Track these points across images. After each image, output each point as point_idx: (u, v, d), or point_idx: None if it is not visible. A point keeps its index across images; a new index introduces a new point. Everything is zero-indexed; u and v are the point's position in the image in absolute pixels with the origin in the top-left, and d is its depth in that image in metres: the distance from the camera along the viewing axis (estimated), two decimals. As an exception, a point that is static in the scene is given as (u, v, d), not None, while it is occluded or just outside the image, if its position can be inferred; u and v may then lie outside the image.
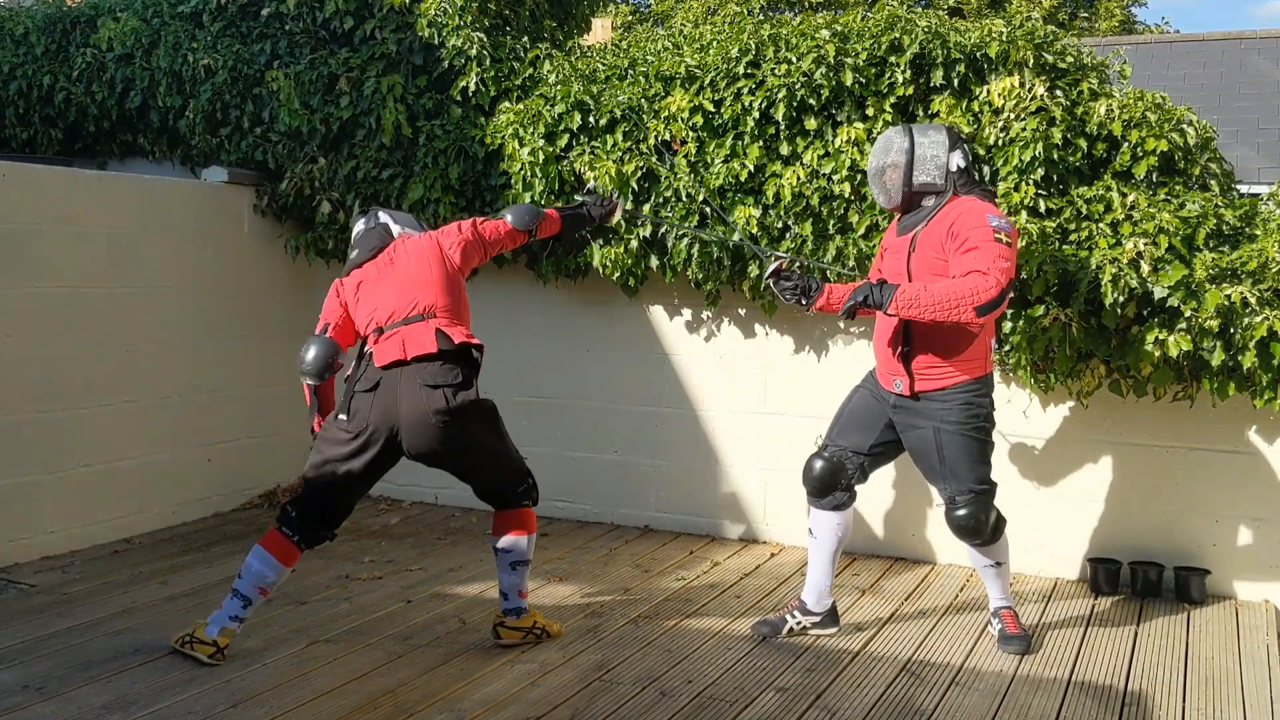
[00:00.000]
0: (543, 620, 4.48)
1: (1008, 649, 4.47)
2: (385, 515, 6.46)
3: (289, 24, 6.45)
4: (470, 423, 4.18)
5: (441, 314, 4.26)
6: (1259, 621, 4.86)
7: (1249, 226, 4.91)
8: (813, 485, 4.58)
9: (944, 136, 4.33)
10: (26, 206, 5.37)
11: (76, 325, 5.59)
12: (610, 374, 6.26)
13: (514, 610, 4.41)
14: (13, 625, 4.52)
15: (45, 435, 5.45)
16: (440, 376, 4.12)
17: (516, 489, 4.42)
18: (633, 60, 5.88)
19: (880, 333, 4.46)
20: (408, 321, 4.22)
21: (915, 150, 4.30)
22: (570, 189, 5.82)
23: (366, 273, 4.40)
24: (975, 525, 4.34)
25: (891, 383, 4.41)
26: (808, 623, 4.61)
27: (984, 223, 4.12)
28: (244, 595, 4.18)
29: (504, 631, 4.40)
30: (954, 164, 4.30)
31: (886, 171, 4.35)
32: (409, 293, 4.28)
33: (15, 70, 7.05)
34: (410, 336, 4.17)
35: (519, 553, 4.39)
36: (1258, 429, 5.09)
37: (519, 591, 4.42)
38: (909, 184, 4.31)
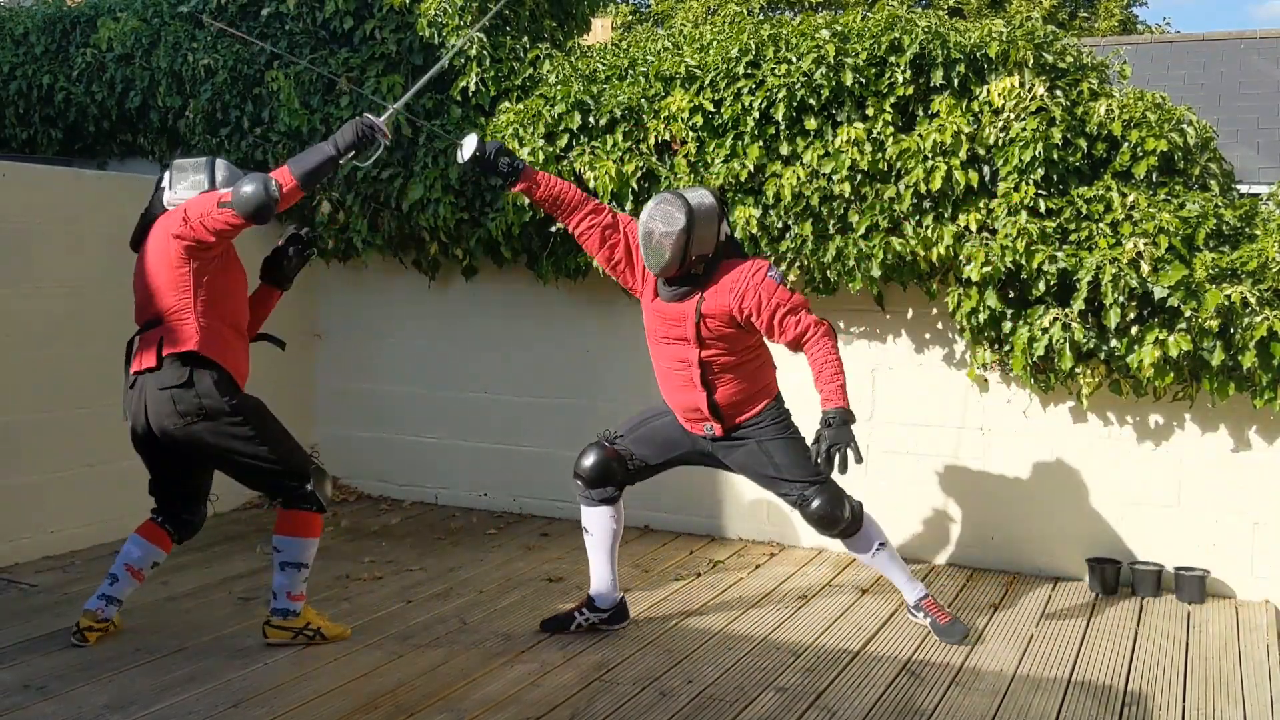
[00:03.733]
0: (318, 621, 4.40)
1: (949, 639, 4.51)
2: (385, 515, 6.46)
3: (289, 24, 6.45)
4: (208, 424, 4.14)
5: (169, 318, 4.13)
6: (1259, 621, 4.86)
7: (1249, 226, 4.91)
8: (587, 474, 4.59)
9: (716, 207, 4.31)
10: (26, 206, 5.37)
11: (76, 325, 5.59)
12: (610, 374, 6.26)
13: (281, 610, 4.33)
14: (13, 625, 4.52)
15: (45, 435, 5.45)
16: (167, 379, 4.12)
17: (289, 486, 4.29)
18: (633, 60, 5.88)
19: (671, 389, 4.50)
20: (145, 328, 4.22)
21: (694, 228, 4.22)
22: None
23: (137, 264, 4.29)
24: (832, 514, 4.39)
25: (703, 428, 4.47)
26: (595, 619, 4.61)
27: (770, 282, 4.25)
28: (112, 573, 4.34)
29: (269, 630, 4.35)
30: (723, 233, 4.34)
31: (666, 240, 4.22)
32: (146, 295, 4.21)
33: (15, 70, 7.06)
34: (142, 347, 4.20)
35: (288, 554, 4.30)
36: (1258, 429, 5.09)
37: (288, 593, 4.32)
38: (686, 255, 4.24)
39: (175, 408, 4.11)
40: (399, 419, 6.76)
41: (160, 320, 4.16)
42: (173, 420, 4.13)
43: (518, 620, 4.72)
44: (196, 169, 4.28)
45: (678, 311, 4.37)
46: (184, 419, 4.12)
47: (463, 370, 6.59)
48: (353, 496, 6.79)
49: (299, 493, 4.30)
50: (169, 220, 4.17)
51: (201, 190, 4.21)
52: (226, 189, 4.07)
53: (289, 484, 4.29)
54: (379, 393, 6.80)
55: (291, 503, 4.32)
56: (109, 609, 4.35)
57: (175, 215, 4.15)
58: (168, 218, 4.19)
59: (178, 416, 4.12)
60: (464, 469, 6.62)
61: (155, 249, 4.19)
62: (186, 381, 4.11)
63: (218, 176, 4.27)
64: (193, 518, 4.46)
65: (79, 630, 4.30)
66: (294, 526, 4.32)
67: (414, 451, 6.75)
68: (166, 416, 4.13)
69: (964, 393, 5.55)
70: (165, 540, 4.40)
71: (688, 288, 4.33)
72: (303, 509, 4.32)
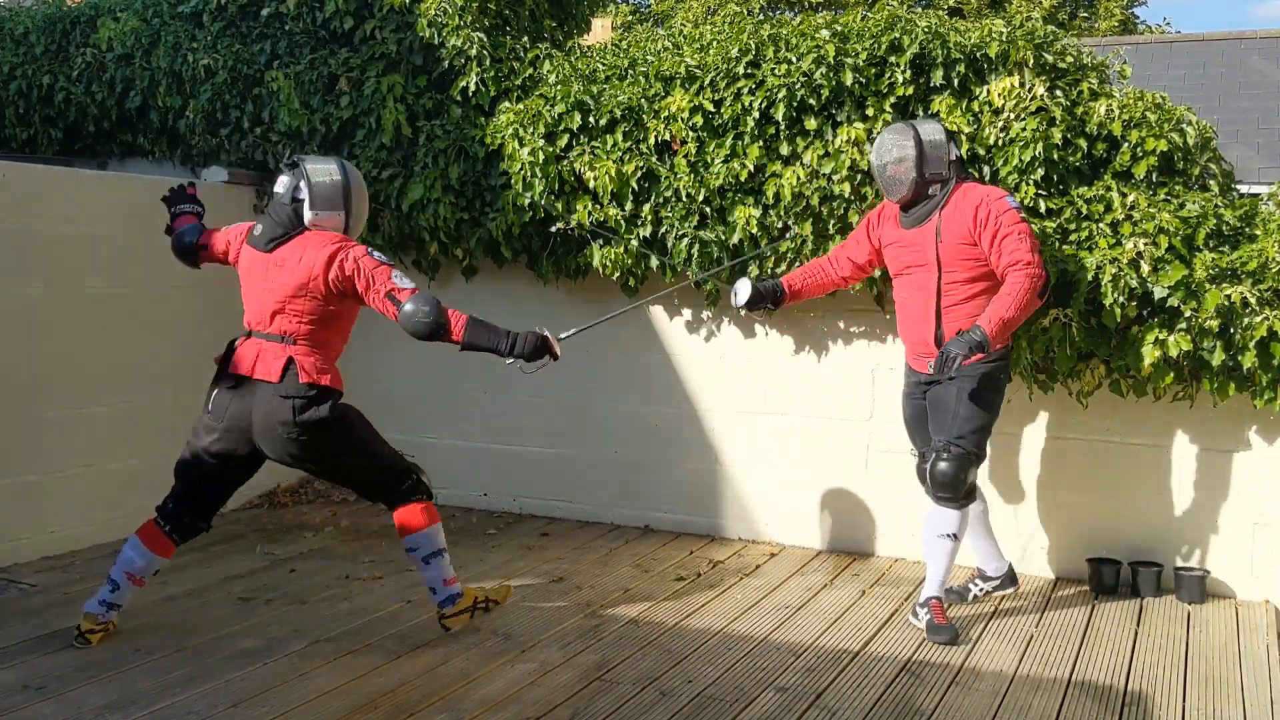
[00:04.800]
0: (483, 593, 4.57)
1: (936, 639, 4.54)
2: (385, 515, 6.42)
3: (289, 24, 6.45)
4: (321, 435, 4.19)
5: (302, 341, 4.21)
6: (1259, 621, 4.86)
7: (1249, 226, 4.91)
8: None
9: (941, 128, 4.66)
10: (26, 206, 5.37)
11: (76, 325, 5.58)
12: (610, 374, 6.26)
13: (447, 599, 4.46)
14: (13, 625, 4.52)
15: (45, 435, 5.45)
16: (293, 388, 4.14)
17: (399, 488, 4.39)
18: (633, 60, 5.88)
19: (907, 320, 4.73)
20: (269, 338, 4.22)
21: (923, 143, 4.56)
22: (570, 189, 5.82)
23: (257, 263, 4.30)
24: (955, 480, 4.51)
25: (925, 364, 4.64)
26: (989, 587, 5.01)
27: (1008, 207, 4.49)
28: (112, 579, 4.33)
29: (448, 621, 4.47)
30: (953, 153, 4.61)
31: (899, 165, 4.58)
32: (278, 308, 4.21)
33: (15, 70, 7.05)
34: (264, 356, 4.20)
35: (424, 546, 4.40)
36: (1258, 429, 5.09)
37: (443, 580, 4.45)
38: (921, 174, 4.56)
39: (295, 418, 4.12)
40: (399, 419, 6.75)
41: (290, 339, 4.19)
42: (288, 429, 4.13)
43: (518, 620, 4.72)
44: (335, 197, 4.24)
45: (918, 236, 4.62)
46: (297, 426, 4.13)
47: (463, 370, 6.58)
48: (353, 496, 6.78)
49: (405, 488, 4.39)
50: (324, 252, 4.15)
51: (340, 221, 4.25)
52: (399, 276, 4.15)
53: (394, 481, 4.38)
54: (379, 393, 6.79)
55: (401, 499, 4.39)
56: (109, 614, 4.36)
57: (338, 255, 4.14)
58: (321, 247, 4.17)
59: (294, 426, 4.13)
60: (464, 469, 6.62)
61: (299, 271, 4.17)
62: (313, 398, 4.15)
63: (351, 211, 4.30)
64: (206, 525, 4.47)
65: (80, 633, 4.30)
66: (417, 520, 4.39)
67: (414, 451, 6.68)
68: (282, 425, 4.13)
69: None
70: (169, 548, 4.40)
71: (926, 211, 4.59)
72: (415, 501, 4.40)
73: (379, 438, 4.42)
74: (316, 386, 4.16)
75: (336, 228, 4.28)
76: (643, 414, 6.21)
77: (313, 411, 4.14)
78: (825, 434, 5.83)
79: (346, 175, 4.30)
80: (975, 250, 4.52)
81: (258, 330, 4.26)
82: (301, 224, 4.24)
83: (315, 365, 4.19)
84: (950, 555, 4.63)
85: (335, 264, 4.14)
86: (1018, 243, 4.41)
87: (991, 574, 5.00)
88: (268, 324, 4.22)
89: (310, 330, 4.21)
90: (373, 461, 4.37)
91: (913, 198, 4.61)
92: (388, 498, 4.42)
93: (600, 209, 5.73)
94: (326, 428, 4.19)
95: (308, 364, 4.17)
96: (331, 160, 4.33)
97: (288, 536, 5.95)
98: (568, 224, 5.80)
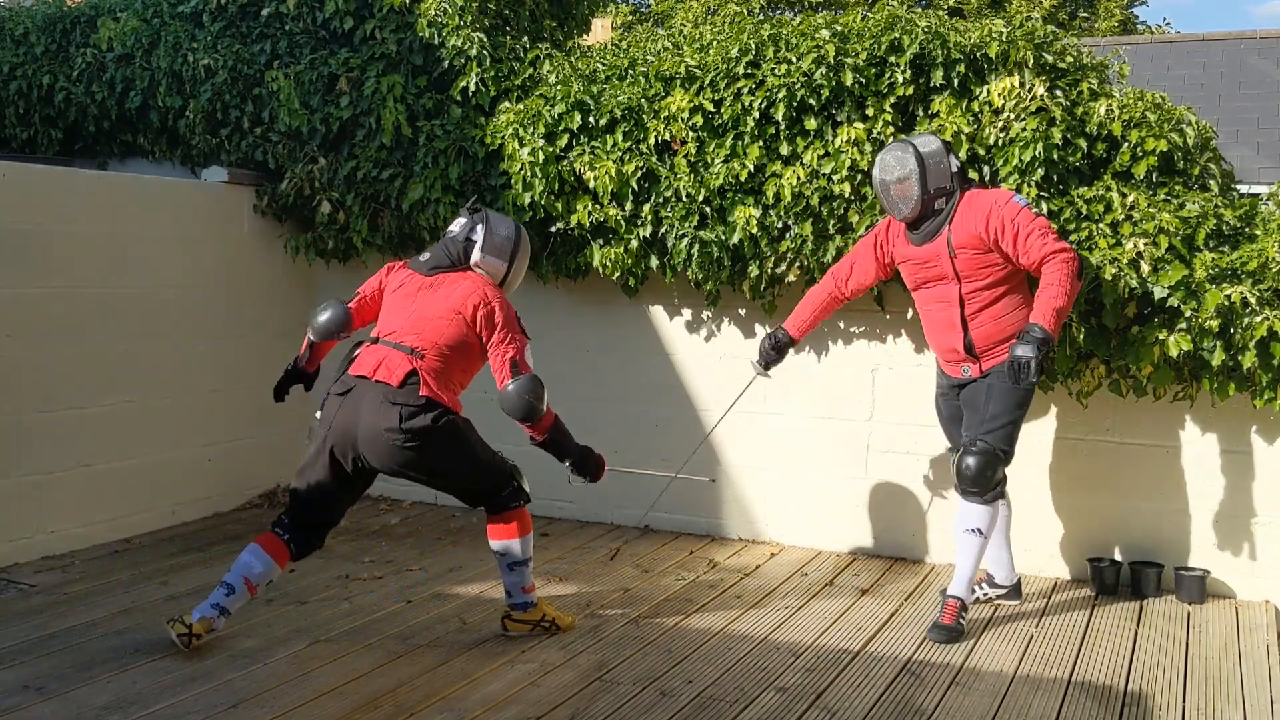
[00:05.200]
0: (553, 613, 4.57)
1: (934, 637, 4.56)
2: (385, 515, 6.46)
3: (289, 24, 6.45)
4: (428, 444, 4.20)
5: (431, 360, 4.26)
6: (1259, 621, 4.86)
7: (1249, 226, 4.91)
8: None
9: (939, 142, 4.67)
10: (26, 206, 5.37)
11: (76, 325, 5.58)
12: (610, 374, 6.26)
13: (519, 605, 4.51)
14: (13, 625, 4.52)
15: (45, 435, 5.45)
16: (402, 395, 4.17)
17: (499, 494, 4.43)
18: (633, 60, 5.88)
19: (934, 330, 4.77)
20: (398, 347, 4.27)
21: (924, 158, 4.58)
22: (570, 189, 5.82)
23: (410, 282, 4.47)
24: (980, 475, 4.53)
25: (959, 370, 4.72)
26: (994, 594, 4.99)
27: (1018, 207, 4.52)
28: (228, 583, 4.28)
29: (509, 623, 4.52)
30: (954, 165, 4.62)
31: (902, 183, 4.61)
32: (419, 327, 4.31)
33: (15, 70, 7.05)
34: (388, 362, 4.24)
35: (512, 555, 4.45)
36: (1258, 429, 5.09)
37: (521, 588, 4.49)
38: (926, 191, 4.58)
39: (400, 424, 4.13)
40: (399, 419, 6.75)
41: (420, 355, 4.24)
42: (393, 436, 4.14)
43: (518, 620, 4.72)
44: (504, 249, 4.50)
45: (931, 251, 4.65)
46: (402, 432, 4.14)
47: (463, 370, 6.59)
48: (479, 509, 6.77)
49: (506, 494, 4.42)
50: (484, 289, 4.36)
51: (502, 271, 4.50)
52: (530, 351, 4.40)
53: (497, 493, 4.42)
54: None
55: (499, 506, 4.42)
56: (220, 619, 4.29)
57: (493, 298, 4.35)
58: (483, 284, 4.39)
59: (400, 433, 4.14)
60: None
61: (454, 296, 4.34)
62: (421, 407, 4.16)
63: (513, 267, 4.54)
64: (320, 542, 4.46)
65: (190, 634, 4.20)
66: (512, 529, 4.42)
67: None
68: (388, 430, 4.14)
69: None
70: (285, 555, 4.35)
71: (935, 225, 4.62)
72: (513, 508, 4.43)
73: (484, 444, 4.43)
74: (431, 401, 4.19)
75: (496, 276, 4.50)
76: (643, 414, 6.21)
77: (419, 419, 4.15)
78: (825, 434, 5.83)
79: (519, 236, 4.57)
80: (990, 256, 4.55)
81: (388, 339, 4.30)
82: (467, 263, 4.47)
83: (438, 383, 4.24)
84: (977, 551, 4.65)
85: (487, 306, 4.33)
86: (1041, 238, 4.44)
87: (1001, 582, 5.00)
88: (403, 336, 4.29)
89: (440, 352, 4.27)
90: (476, 469, 4.38)
91: (920, 214, 4.63)
92: (487, 504, 4.44)
93: (600, 209, 5.73)
94: (432, 436, 4.19)
95: (431, 379, 4.22)
96: (512, 220, 4.62)
97: (288, 536, 5.94)
98: (567, 224, 5.80)
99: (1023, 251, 4.47)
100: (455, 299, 4.35)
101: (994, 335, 4.61)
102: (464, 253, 4.49)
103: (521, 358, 4.35)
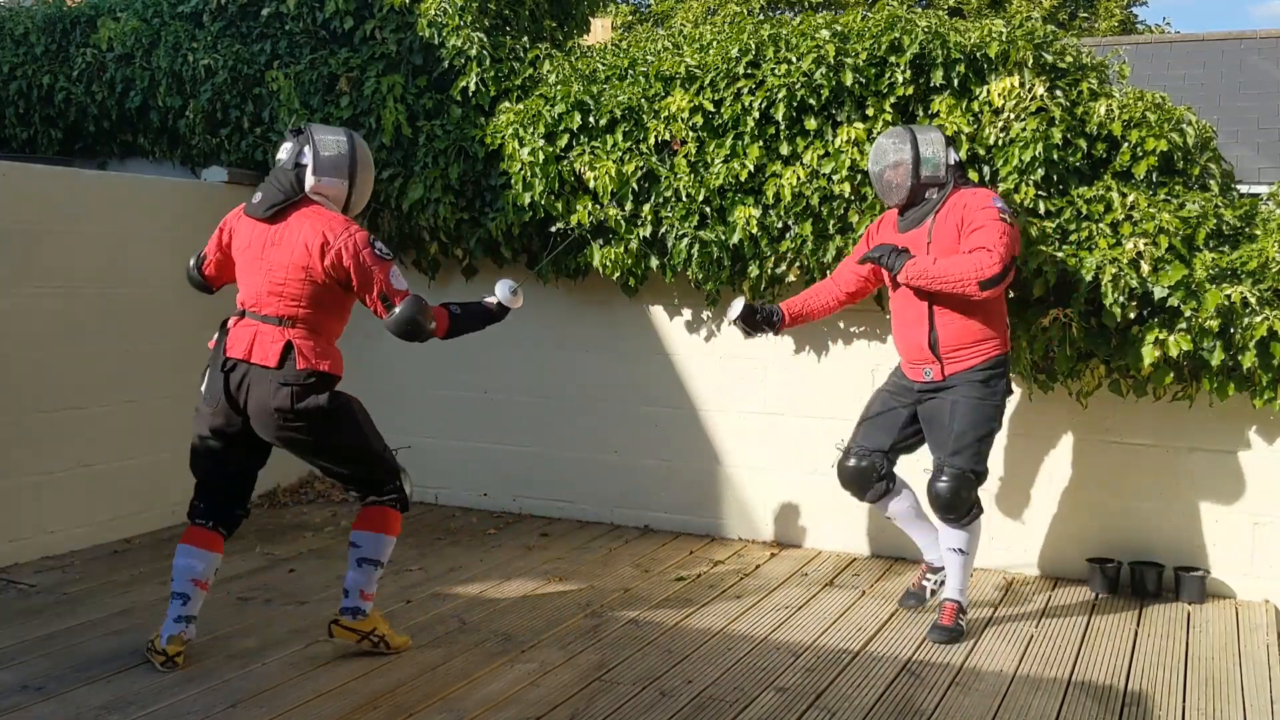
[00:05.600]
0: (385, 630, 4.29)
1: (933, 637, 4.56)
2: (385, 515, 6.44)
3: (289, 24, 6.44)
4: (318, 424, 4.07)
5: (301, 326, 4.06)
6: (1259, 621, 4.86)
7: (1249, 226, 4.91)
8: (854, 490, 4.79)
9: (940, 134, 4.64)
10: (26, 206, 5.37)
11: (76, 325, 5.58)
12: (610, 374, 6.26)
13: (351, 609, 4.24)
14: (13, 625, 4.52)
15: (45, 435, 5.45)
16: (290, 376, 4.01)
17: (382, 488, 4.29)
18: (633, 60, 5.88)
19: (903, 326, 4.68)
20: (265, 320, 4.06)
21: (920, 148, 4.55)
22: (570, 189, 5.82)
23: (251, 237, 4.12)
24: (952, 499, 4.51)
25: (921, 372, 4.63)
26: (939, 579, 4.87)
27: (989, 204, 4.47)
28: (179, 593, 4.13)
29: (336, 629, 4.25)
30: (951, 158, 4.59)
31: (895, 170, 4.58)
32: (277, 290, 4.04)
33: (15, 70, 7.05)
34: (261, 339, 4.05)
35: (367, 550, 4.23)
36: (1258, 429, 5.08)
37: (361, 590, 4.24)
38: (917, 178, 4.54)
39: (294, 405, 4.00)
40: (399, 419, 6.74)
41: (289, 323, 4.04)
42: (284, 416, 4.01)
43: (518, 620, 4.72)
44: (340, 165, 4.10)
45: (911, 239, 4.59)
46: (294, 413, 4.01)
47: (462, 370, 6.59)
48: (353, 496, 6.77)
49: (388, 489, 4.30)
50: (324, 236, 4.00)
51: (343, 191, 4.12)
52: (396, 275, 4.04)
53: (380, 480, 4.28)
54: (379, 393, 6.77)
55: (377, 502, 4.29)
56: (190, 628, 4.18)
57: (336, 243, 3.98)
58: (320, 231, 4.00)
59: (293, 414, 4.01)
60: (464, 469, 6.62)
61: (298, 253, 4.01)
62: (310, 385, 4.03)
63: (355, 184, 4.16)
64: (244, 513, 4.31)
65: (169, 658, 4.08)
66: (378, 523, 4.26)
67: (414, 451, 6.71)
68: (279, 410, 4.00)
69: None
70: (219, 543, 4.23)
71: (922, 214, 4.58)
72: (388, 504, 4.29)
73: (376, 432, 4.29)
74: (316, 373, 4.04)
75: (338, 199, 4.13)
76: (643, 414, 6.21)
77: (311, 399, 4.02)
78: (825, 434, 5.82)
79: (354, 145, 4.15)
80: (960, 246, 4.48)
81: (253, 311, 4.09)
82: (302, 190, 4.07)
83: (314, 350, 4.05)
84: (963, 566, 4.64)
85: (333, 251, 3.99)
86: (985, 234, 4.36)
87: (936, 563, 4.86)
88: (264, 305, 4.06)
89: (308, 314, 4.06)
90: (366, 456, 4.24)
91: (909, 201, 4.60)
92: (366, 493, 4.30)
93: (600, 209, 5.73)
94: (324, 416, 4.08)
95: (306, 349, 4.03)
96: (341, 130, 4.18)
97: (287, 536, 5.95)
98: (567, 224, 5.80)
99: (966, 239, 4.40)
100: (298, 252, 4.00)
101: (959, 336, 4.50)
102: (297, 181, 4.07)
103: (389, 287, 4.01)
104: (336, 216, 4.08)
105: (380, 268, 4.02)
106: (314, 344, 4.08)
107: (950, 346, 4.52)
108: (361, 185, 4.19)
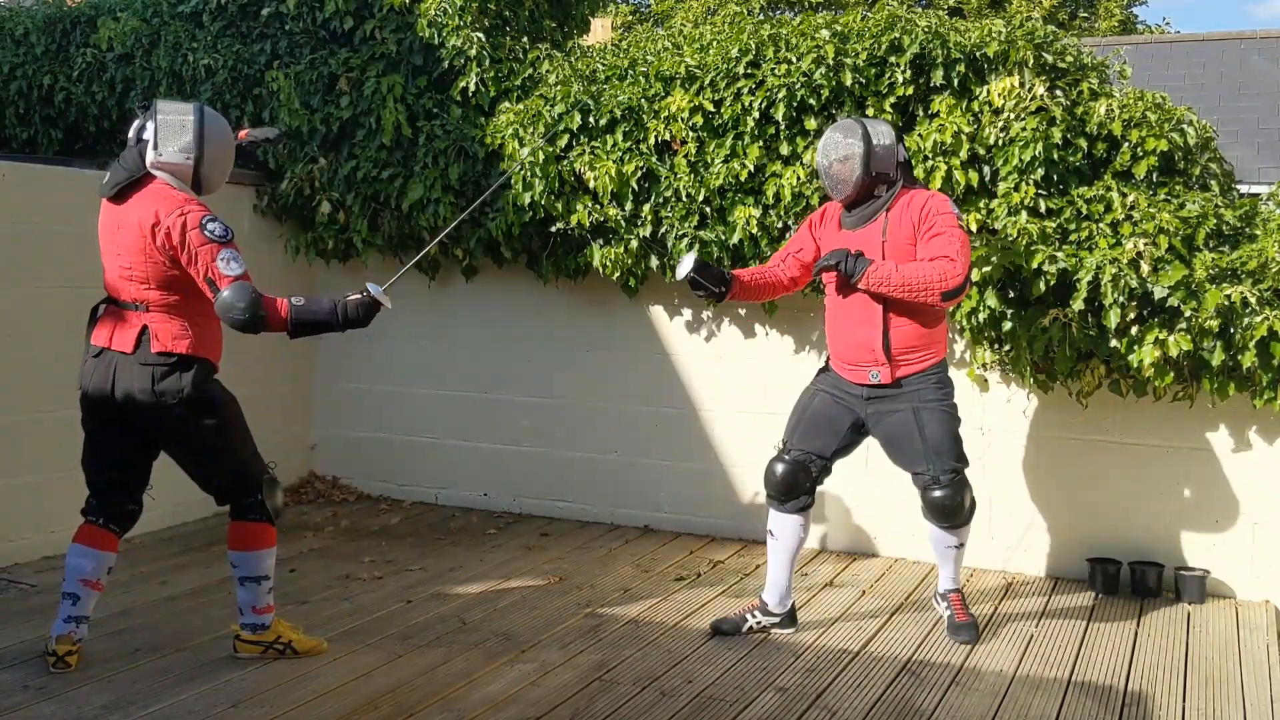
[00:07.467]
0: (290, 635, 4.22)
1: (958, 638, 4.53)
2: (385, 515, 6.45)
3: (289, 24, 6.45)
4: (178, 407, 3.92)
5: (156, 310, 3.92)
6: (1259, 621, 4.86)
7: (1249, 226, 4.91)
8: (776, 489, 4.64)
9: (890, 129, 4.48)
10: (26, 206, 5.37)
11: (76, 325, 5.54)
12: (610, 374, 6.26)
13: (250, 625, 4.17)
14: (13, 625, 4.52)
15: (45, 435, 5.44)
16: (150, 357, 3.89)
17: (241, 499, 4.12)
18: (633, 60, 5.88)
19: (846, 327, 4.50)
20: (124, 305, 3.95)
21: (872, 141, 4.39)
22: (570, 189, 5.82)
23: (105, 220, 4.02)
24: (956, 505, 4.44)
25: (867, 375, 4.45)
26: (767, 622, 4.63)
27: (948, 210, 4.36)
28: (69, 594, 4.04)
29: (239, 644, 4.19)
30: (901, 155, 4.47)
31: (844, 163, 4.42)
32: (125, 274, 3.93)
33: (15, 70, 7.05)
34: (119, 327, 3.94)
35: (245, 568, 4.12)
36: (1258, 429, 5.09)
37: (253, 607, 4.15)
38: (867, 173, 4.39)
39: (154, 386, 3.88)
40: (399, 419, 6.75)
41: (144, 308, 3.92)
42: (147, 397, 3.87)
43: (518, 620, 4.72)
44: (184, 130, 3.91)
45: (862, 237, 4.43)
46: (159, 398, 3.88)
47: (463, 370, 6.59)
48: (353, 496, 6.79)
49: (247, 503, 4.12)
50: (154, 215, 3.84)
51: (188, 167, 3.93)
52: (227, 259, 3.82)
53: (239, 490, 4.11)
54: (379, 392, 6.80)
55: (240, 514, 4.13)
56: (80, 629, 4.10)
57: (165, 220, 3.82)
58: (152, 209, 3.85)
59: (153, 395, 3.87)
60: (464, 469, 6.62)
61: (135, 235, 3.87)
62: (174, 365, 3.91)
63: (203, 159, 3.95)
64: (136, 507, 4.16)
65: (58, 658, 4.00)
66: (246, 540, 4.12)
67: (414, 451, 6.75)
68: (141, 392, 3.87)
69: (964, 392, 5.52)
70: (112, 542, 4.10)
71: (872, 211, 4.42)
72: (251, 520, 4.12)
73: (248, 437, 4.11)
74: (173, 354, 3.88)
75: (184, 175, 3.94)
76: (643, 414, 6.21)
77: (172, 380, 3.87)
78: (825, 434, 5.82)
79: (202, 118, 3.93)
80: (918, 251, 4.36)
81: (113, 297, 4.00)
82: (145, 167, 3.91)
83: (171, 333, 3.89)
84: (957, 557, 4.62)
85: (162, 231, 3.81)
86: (946, 241, 4.26)
87: (773, 609, 4.63)
88: (120, 290, 3.95)
89: (161, 296, 3.89)
90: (224, 458, 4.07)
91: (857, 197, 4.42)
92: (226, 503, 4.17)
93: (600, 209, 5.73)
94: (186, 403, 3.91)
95: (162, 332, 3.88)
96: (191, 103, 3.98)
97: (288, 536, 5.93)
98: (567, 224, 5.80)
99: (925, 245, 4.29)
100: (135, 235, 3.86)
101: (912, 339, 4.39)
102: (140, 157, 3.91)
103: (215, 271, 3.79)
104: (175, 194, 3.91)
105: (208, 249, 3.81)
106: (170, 327, 3.92)
107: (902, 348, 4.39)
108: (212, 161, 3.98)
